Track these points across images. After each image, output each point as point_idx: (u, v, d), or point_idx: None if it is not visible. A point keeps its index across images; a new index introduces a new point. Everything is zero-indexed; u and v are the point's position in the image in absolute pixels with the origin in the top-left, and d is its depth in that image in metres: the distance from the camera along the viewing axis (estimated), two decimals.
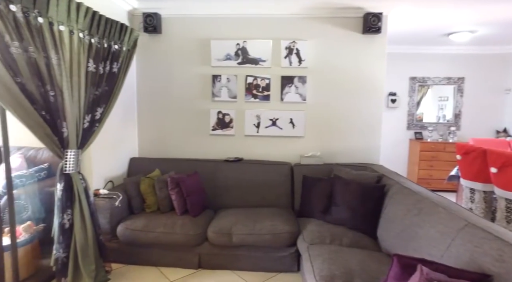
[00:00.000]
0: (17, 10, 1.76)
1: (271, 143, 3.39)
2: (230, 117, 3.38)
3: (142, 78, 3.45)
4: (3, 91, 1.72)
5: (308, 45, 3.22)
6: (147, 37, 3.37)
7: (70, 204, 2.20)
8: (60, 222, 2.18)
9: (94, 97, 2.43)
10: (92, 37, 2.37)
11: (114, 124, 3.07)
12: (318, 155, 3.25)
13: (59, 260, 2.18)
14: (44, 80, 1.97)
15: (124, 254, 2.65)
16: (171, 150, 3.49)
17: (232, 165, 3.21)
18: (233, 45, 3.28)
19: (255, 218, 2.63)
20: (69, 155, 2.19)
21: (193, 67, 3.38)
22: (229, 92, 3.34)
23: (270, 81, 3.29)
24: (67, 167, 2.18)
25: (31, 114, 1.89)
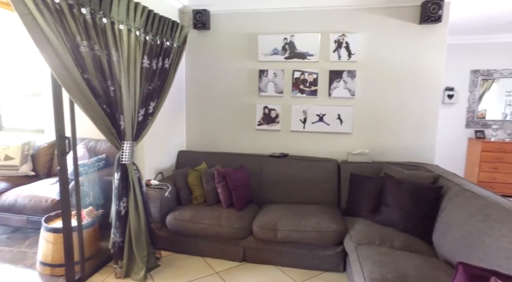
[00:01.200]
0: (86, 13, 1.90)
1: (318, 139, 3.32)
2: (276, 113, 3.36)
3: (190, 74, 3.56)
4: (73, 86, 1.86)
5: (358, 38, 3.08)
6: (196, 33, 3.46)
7: (126, 192, 2.35)
8: (117, 209, 2.33)
9: (147, 92, 2.56)
10: (147, 35, 2.49)
11: (164, 118, 3.21)
12: (366, 153, 3.11)
13: (116, 244, 2.34)
14: (106, 76, 2.11)
15: (172, 243, 2.77)
16: (217, 144, 3.56)
17: (277, 161, 3.19)
18: (281, 39, 3.24)
19: (300, 214, 2.60)
20: (125, 146, 2.33)
21: (240, 62, 3.41)
22: (276, 87, 3.32)
23: (317, 76, 3.21)
24: (123, 157, 2.33)
25: (95, 108, 2.04)
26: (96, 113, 2.07)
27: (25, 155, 3.42)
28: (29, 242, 2.87)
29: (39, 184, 3.14)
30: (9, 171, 3.30)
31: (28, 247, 2.78)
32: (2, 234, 3.03)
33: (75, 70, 1.86)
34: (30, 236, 2.97)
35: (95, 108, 2.05)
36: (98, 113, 2.08)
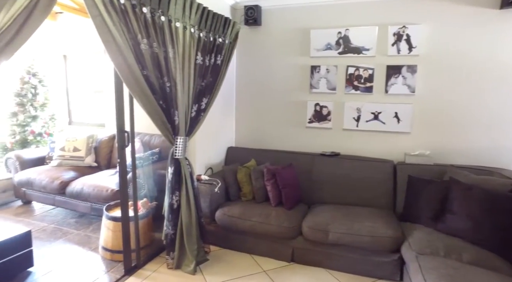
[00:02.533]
0: (147, 12, 1.97)
1: (372, 138, 3.13)
2: (328, 110, 3.23)
3: (241, 70, 3.57)
4: (133, 82, 1.95)
5: (421, 29, 2.83)
6: (247, 29, 3.46)
7: (178, 186, 2.41)
8: (170, 202, 2.41)
9: (200, 88, 2.60)
10: (201, 32, 2.52)
11: (215, 115, 3.25)
12: (427, 154, 2.86)
13: (168, 236, 2.42)
14: (163, 73, 2.18)
15: (221, 238, 2.80)
16: (266, 141, 3.54)
17: (328, 159, 3.08)
18: (334, 34, 3.11)
19: (353, 217, 2.47)
20: (179, 141, 2.39)
21: (291, 58, 3.34)
22: (328, 84, 3.20)
23: (373, 72, 3.02)
24: (176, 152, 2.39)
25: (152, 103, 2.12)
26: (153, 108, 2.14)
27: (89, 147, 3.70)
28: (92, 228, 3.10)
29: (100, 174, 3.38)
30: (76, 161, 3.60)
31: (92, 232, 3.01)
32: (71, 218, 3.32)
33: (135, 67, 1.94)
34: (94, 222, 3.21)
35: (152, 104, 2.12)
36: (155, 109, 2.15)
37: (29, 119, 4.16)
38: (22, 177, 3.44)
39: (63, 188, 3.21)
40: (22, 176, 3.44)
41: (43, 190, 3.33)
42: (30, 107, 4.15)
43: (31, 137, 4.16)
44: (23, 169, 3.56)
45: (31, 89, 4.17)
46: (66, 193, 3.20)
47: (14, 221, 3.25)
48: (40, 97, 4.20)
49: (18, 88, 4.19)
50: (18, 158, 3.60)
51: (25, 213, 3.46)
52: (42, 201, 3.48)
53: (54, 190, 3.25)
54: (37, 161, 3.73)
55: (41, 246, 2.71)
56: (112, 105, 4.21)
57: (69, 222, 3.23)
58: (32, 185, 3.38)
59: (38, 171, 3.44)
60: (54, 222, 3.23)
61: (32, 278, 2.29)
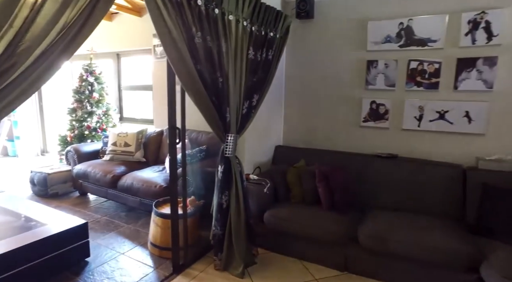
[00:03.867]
0: (201, 4, 1.91)
1: (436, 140, 2.82)
2: (385, 108, 2.97)
3: (291, 66, 3.42)
4: (187, 77, 1.90)
5: (504, 14, 2.47)
6: (298, 23, 3.30)
7: (228, 186, 2.34)
8: (219, 201, 2.34)
9: (251, 84, 2.50)
10: (253, 25, 2.42)
11: (263, 112, 3.13)
12: (508, 159, 2.50)
13: (216, 236, 2.36)
14: (215, 68, 2.11)
15: (269, 241, 2.69)
16: (316, 140, 3.35)
17: (385, 162, 2.83)
18: (395, 25, 2.84)
19: (416, 225, 2.23)
20: (229, 139, 2.31)
21: (345, 53, 3.13)
22: (386, 80, 2.93)
23: (440, 66, 2.71)
24: (227, 150, 2.32)
25: (205, 99, 2.05)
26: (205, 104, 2.08)
27: (139, 142, 3.79)
28: (141, 222, 3.15)
29: (149, 170, 3.44)
30: (127, 156, 3.70)
31: (141, 227, 3.06)
32: (121, 211, 3.42)
33: (189, 61, 1.88)
34: (142, 217, 3.27)
35: (205, 100, 2.06)
36: (207, 105, 2.09)
37: (86, 115, 4.38)
38: (79, 169, 3.62)
39: (115, 182, 3.31)
40: (79, 169, 3.61)
41: (97, 183, 3.47)
42: (87, 104, 4.36)
43: (87, 132, 4.38)
44: (80, 162, 3.74)
45: (88, 87, 4.38)
46: (118, 187, 3.29)
47: (72, 211, 3.41)
48: (95, 94, 4.40)
49: (77, 86, 4.43)
50: (76, 151, 3.79)
51: (82, 204, 3.63)
52: (96, 193, 3.63)
53: (106, 184, 3.36)
54: (92, 154, 3.90)
55: (96, 237, 2.80)
56: (160, 102, 4.31)
57: (120, 215, 3.32)
58: (87, 178, 3.54)
59: (93, 164, 3.59)
60: (106, 214, 3.34)
61: (89, 268, 2.36)
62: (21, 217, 2.49)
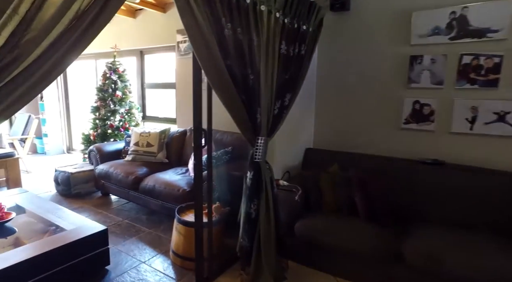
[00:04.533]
0: None
1: (493, 145, 2.48)
2: (430, 109, 2.66)
3: (323, 63, 3.16)
4: (215, 73, 1.70)
5: None
6: (332, 16, 3.03)
7: (257, 193, 2.13)
8: (247, 210, 2.13)
9: (283, 82, 2.27)
10: (285, 17, 2.19)
11: (293, 112, 2.88)
12: None
13: (243, 249, 2.16)
14: (246, 63, 1.90)
15: (300, 254, 2.46)
16: (350, 142, 3.08)
17: (430, 169, 2.53)
18: (445, 14, 2.52)
19: (476, 245, 1.93)
20: (260, 142, 2.10)
21: (384, 48, 2.83)
22: (432, 77, 2.62)
23: (501, 60, 2.37)
24: (257, 155, 2.10)
25: (234, 98, 1.85)
26: (234, 104, 1.87)
27: (161, 143, 3.65)
28: (163, 227, 3.00)
29: (171, 172, 3.29)
30: (149, 157, 3.58)
31: (162, 232, 2.91)
32: (143, 214, 3.30)
33: (218, 55, 1.68)
34: (164, 221, 3.12)
35: (234, 99, 1.85)
36: (236, 104, 1.88)
37: (109, 114, 4.30)
38: (101, 169, 3.53)
39: (137, 184, 3.18)
40: (101, 169, 3.52)
41: (118, 184, 3.36)
42: (110, 102, 4.28)
43: (110, 131, 4.31)
44: (102, 162, 3.66)
45: (111, 85, 4.30)
46: (139, 189, 3.16)
47: (94, 212, 3.32)
48: (118, 92, 4.32)
49: (101, 84, 4.37)
50: (98, 151, 3.71)
51: (103, 205, 3.54)
52: (118, 194, 3.53)
53: (128, 185, 3.24)
54: (115, 154, 3.81)
55: (117, 243, 2.67)
56: (183, 101, 4.17)
57: (141, 219, 3.19)
58: (109, 178, 3.44)
59: (115, 164, 3.48)
60: (128, 217, 3.23)
61: (109, 277, 2.22)
62: (40, 220, 2.39)
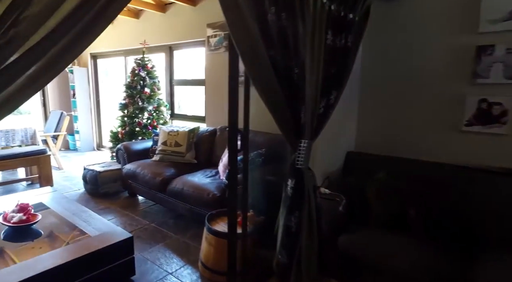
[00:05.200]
0: None
1: None
2: (502, 108, 2.27)
3: (368, 57, 2.83)
4: (256, 64, 1.46)
5: None
6: (380, 3, 2.69)
7: (299, 205, 1.86)
8: (287, 223, 1.87)
9: (329, 78, 1.98)
10: (332, 3, 1.89)
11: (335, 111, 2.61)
12: None
13: (281, 266, 1.90)
14: (290, 54, 1.63)
15: (344, 271, 2.16)
16: (399, 146, 2.73)
17: (501, 179, 2.14)
18: None
19: None
20: (302, 146, 1.83)
21: (442, 38, 2.46)
22: (506, 70, 2.23)
23: None
24: (299, 160, 1.84)
25: (276, 94, 1.59)
26: (277, 101, 1.62)
27: (190, 142, 3.47)
28: (191, 234, 2.81)
29: (200, 174, 3.09)
30: (177, 157, 3.41)
31: (190, 239, 2.72)
32: (170, 218, 3.13)
33: (260, 44, 1.44)
34: (192, 227, 2.93)
35: (277, 95, 1.60)
36: (279, 102, 1.63)
37: (137, 111, 4.19)
38: (128, 169, 3.40)
39: (164, 186, 3.02)
40: (128, 169, 3.40)
41: (145, 185, 3.22)
42: (138, 99, 4.17)
43: (138, 129, 4.20)
44: (130, 161, 3.54)
45: (140, 81, 4.19)
46: (167, 191, 3.00)
47: (121, 214, 3.20)
48: (147, 89, 4.20)
49: (129, 80, 4.27)
50: (126, 150, 3.60)
51: (130, 207, 3.42)
52: (145, 196, 3.39)
53: (155, 187, 3.09)
54: (142, 153, 3.68)
55: (143, 249, 2.51)
56: (213, 98, 3.97)
57: (168, 223, 3.02)
58: (136, 179, 3.30)
59: (142, 164, 3.35)
60: (154, 220, 3.07)
61: None
62: (66, 223, 2.27)
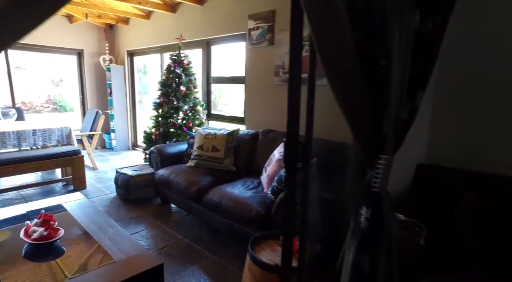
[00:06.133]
0: None
1: None
2: None
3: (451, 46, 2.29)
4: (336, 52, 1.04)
5: None
6: None
7: (376, 239, 1.42)
8: (357, 261, 1.44)
9: (416, 72, 1.51)
10: None
11: None
12: None
13: None
14: (377, 40, 1.19)
15: None
16: (485, 158, 2.18)
17: None
18: None
19: None
20: (382, 162, 1.38)
21: None
22: None
23: None
24: (377, 181, 1.39)
25: (359, 93, 1.17)
26: (357, 102, 1.19)
27: (229, 147, 3.12)
28: (229, 254, 2.45)
29: (240, 184, 2.73)
30: (214, 163, 3.07)
31: (228, 261, 2.36)
32: (205, 232, 2.80)
33: (346, 25, 1.01)
34: (231, 245, 2.57)
35: (358, 93, 1.17)
36: (359, 103, 1.20)
37: (172, 111, 3.93)
38: (161, 175, 3.12)
39: (200, 196, 2.69)
40: (161, 175, 3.12)
41: (179, 194, 2.91)
42: (173, 98, 3.90)
43: (172, 130, 3.94)
44: (163, 166, 3.27)
45: (175, 79, 3.91)
46: (203, 202, 2.66)
47: (152, 225, 2.93)
48: (182, 87, 3.91)
49: (164, 78, 4.01)
50: (159, 153, 3.33)
51: (162, 216, 3.14)
52: (178, 205, 3.10)
53: (190, 196, 2.77)
54: (176, 157, 3.39)
55: (174, 272, 2.19)
56: (254, 97, 3.60)
57: (203, 239, 2.69)
58: (170, 186, 3.01)
59: (176, 171, 3.05)
60: (188, 234, 2.75)
61: None
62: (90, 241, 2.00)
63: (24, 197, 3.62)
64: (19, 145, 3.72)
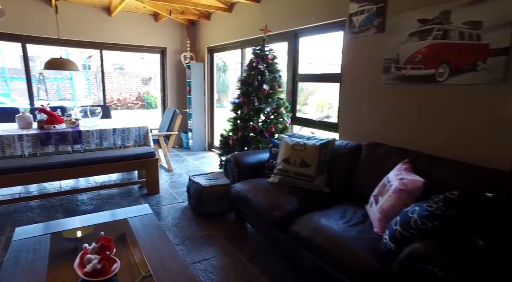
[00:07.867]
0: None
1: None
2: None
3: None
4: None
5: None
6: None
7: None
8: None
9: None
10: None
11: None
12: None
13: None
14: None
15: None
16: None
17: None
18: None
19: None
20: None
21: None
22: None
23: None
24: None
25: None
26: None
27: (321, 162, 2.47)
28: None
29: (338, 214, 2.06)
30: (303, 182, 2.45)
31: None
32: (288, 270, 2.21)
33: None
34: None
35: None
36: None
37: (252, 113, 3.44)
38: (237, 190, 2.63)
39: (284, 224, 2.11)
40: (238, 190, 2.62)
41: (258, 217, 2.37)
42: (254, 98, 3.40)
43: (252, 135, 3.44)
44: (240, 178, 2.78)
45: (258, 76, 3.40)
46: (288, 232, 2.07)
47: (223, 250, 2.46)
48: (265, 86, 3.38)
49: (245, 75, 3.54)
50: (237, 163, 2.84)
51: (237, 238, 2.66)
52: (256, 228, 2.57)
53: (271, 223, 2.20)
54: (256, 168, 2.87)
55: None
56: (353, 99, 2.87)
57: (286, 279, 2.09)
58: (247, 205, 2.49)
59: (255, 187, 2.51)
60: (267, 270, 2.18)
61: None
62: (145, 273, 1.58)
63: (102, 197, 3.53)
64: (101, 144, 3.65)
